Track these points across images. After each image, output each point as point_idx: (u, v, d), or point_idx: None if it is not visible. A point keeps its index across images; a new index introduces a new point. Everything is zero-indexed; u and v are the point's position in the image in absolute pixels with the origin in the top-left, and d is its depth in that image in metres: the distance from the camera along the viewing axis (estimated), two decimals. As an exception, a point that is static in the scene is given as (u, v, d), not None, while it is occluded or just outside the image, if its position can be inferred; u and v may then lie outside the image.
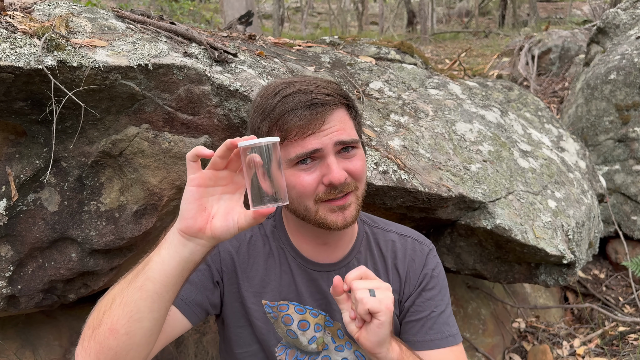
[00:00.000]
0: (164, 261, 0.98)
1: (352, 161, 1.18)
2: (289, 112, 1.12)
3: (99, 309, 1.02)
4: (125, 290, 0.99)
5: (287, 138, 1.13)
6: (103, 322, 0.99)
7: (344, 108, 1.20)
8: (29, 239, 1.69)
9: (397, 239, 1.40)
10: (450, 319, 1.34)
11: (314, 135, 1.12)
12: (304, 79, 1.19)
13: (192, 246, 0.98)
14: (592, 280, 3.81)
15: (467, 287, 3.29)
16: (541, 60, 6.84)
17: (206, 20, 11.34)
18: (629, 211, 3.82)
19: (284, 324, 1.33)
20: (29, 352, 2.13)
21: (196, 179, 0.96)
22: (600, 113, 3.93)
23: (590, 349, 2.98)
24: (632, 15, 4.50)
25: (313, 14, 21.62)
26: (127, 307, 0.97)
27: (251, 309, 1.33)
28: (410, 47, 2.87)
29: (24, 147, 1.65)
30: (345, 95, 1.21)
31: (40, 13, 1.69)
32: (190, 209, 0.96)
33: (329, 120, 1.14)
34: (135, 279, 0.99)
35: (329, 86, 1.18)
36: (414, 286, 1.36)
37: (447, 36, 13.84)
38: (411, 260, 1.37)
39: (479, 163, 2.29)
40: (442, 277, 1.39)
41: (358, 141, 1.19)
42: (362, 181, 1.21)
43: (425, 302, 1.34)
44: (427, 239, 1.45)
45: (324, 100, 1.13)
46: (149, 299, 0.97)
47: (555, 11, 15.55)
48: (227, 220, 0.97)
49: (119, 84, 1.58)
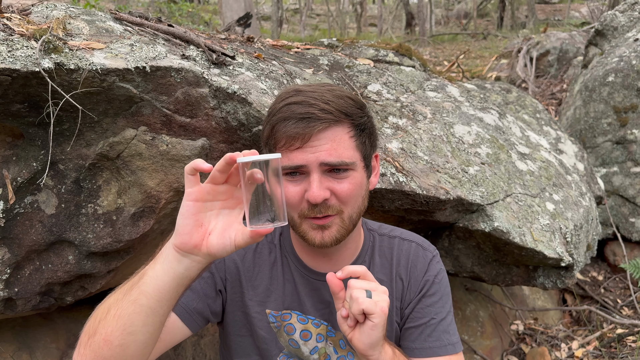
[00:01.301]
0: (158, 276, 0.97)
1: (340, 183, 1.14)
2: (282, 121, 1.12)
3: (95, 317, 1.02)
4: (120, 301, 0.98)
5: (277, 146, 1.14)
6: (98, 331, 0.98)
7: (346, 126, 1.15)
8: (26, 241, 1.69)
9: (401, 245, 1.38)
10: (450, 327, 1.32)
11: (300, 150, 1.11)
12: (315, 89, 1.16)
13: (187, 262, 0.96)
14: (590, 282, 3.81)
15: (466, 290, 3.29)
16: (539, 62, 6.85)
17: (205, 22, 11.35)
18: (627, 213, 3.82)
19: (286, 334, 1.32)
20: (26, 355, 2.12)
21: (194, 193, 0.94)
22: (599, 115, 3.94)
23: (588, 351, 2.98)
24: (630, 17, 4.50)
25: (312, 16, 21.63)
26: (120, 320, 0.97)
27: (255, 318, 1.32)
28: (409, 50, 2.87)
29: (21, 149, 1.64)
30: (352, 113, 1.15)
31: (38, 15, 1.69)
32: (187, 224, 0.94)
33: (319, 137, 1.11)
34: (130, 291, 0.98)
35: (335, 101, 1.13)
36: (414, 292, 1.34)
37: (446, 38, 13.86)
38: (413, 266, 1.35)
39: (477, 166, 2.29)
40: (445, 284, 1.37)
41: (350, 163, 1.14)
42: (348, 204, 1.16)
43: (425, 308, 1.32)
44: (431, 245, 1.42)
45: (318, 116, 1.10)
46: (142, 313, 0.97)
47: (554, 13, 15.58)
48: (224, 238, 0.95)
49: (117, 86, 1.58)
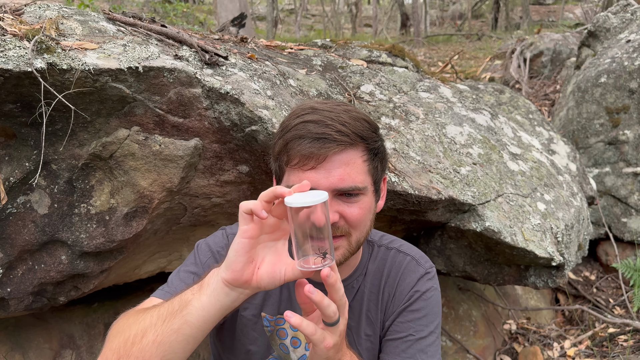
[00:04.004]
0: (204, 307, 0.98)
1: (350, 207, 1.14)
2: (297, 139, 1.10)
3: (126, 338, 1.01)
4: (160, 328, 0.99)
5: (290, 163, 1.13)
6: (133, 354, 0.98)
7: (360, 149, 1.14)
8: (19, 241, 1.69)
9: (395, 256, 1.37)
10: (430, 349, 1.26)
11: (314, 171, 1.10)
12: (332, 109, 1.14)
13: (235, 295, 0.97)
14: (582, 282, 3.84)
15: (459, 289, 3.30)
16: (533, 63, 6.89)
17: (200, 22, 11.33)
18: (619, 213, 3.85)
19: (278, 338, 1.33)
20: (19, 355, 2.12)
21: (249, 231, 0.93)
22: (591, 116, 3.97)
23: (580, 350, 3.00)
24: (622, 19, 4.54)
25: (307, 16, 21.64)
26: (161, 347, 0.98)
27: (251, 320, 1.33)
28: (402, 50, 2.89)
29: (14, 149, 1.64)
30: (367, 137, 1.15)
31: (31, 15, 1.69)
32: (240, 261, 0.94)
33: (333, 159, 1.10)
34: (171, 319, 0.99)
35: (351, 123, 1.12)
36: (398, 305, 1.31)
37: (440, 39, 13.90)
38: (402, 278, 1.33)
39: (469, 166, 2.31)
40: (433, 304, 1.32)
41: (362, 188, 1.14)
42: (357, 229, 1.16)
43: (405, 323, 1.29)
44: (429, 262, 1.38)
45: (334, 138, 1.09)
46: (184, 342, 0.98)
47: (548, 14, 15.65)
48: (274, 273, 0.96)
49: (109, 86, 1.58)
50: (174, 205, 1.95)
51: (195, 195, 1.96)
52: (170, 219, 2.03)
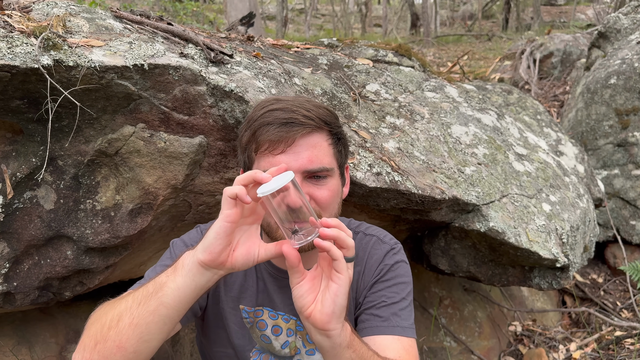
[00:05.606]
0: (179, 288, 1.00)
1: (320, 189, 1.19)
2: (265, 126, 1.16)
3: (102, 323, 1.04)
4: (135, 310, 1.02)
5: (259, 150, 1.18)
6: (109, 338, 1.02)
7: (324, 133, 1.22)
8: (25, 236, 1.71)
9: (361, 239, 1.41)
10: (402, 312, 1.29)
11: (283, 154, 1.16)
12: (295, 99, 1.22)
13: (210, 275, 1.01)
14: (590, 284, 3.81)
15: (464, 290, 3.29)
16: (543, 64, 6.84)
17: (209, 21, 11.38)
18: (628, 216, 3.82)
19: (258, 329, 1.37)
20: (25, 350, 2.15)
21: (232, 215, 0.96)
22: (600, 117, 3.94)
23: (586, 353, 2.98)
24: (633, 20, 4.50)
25: (317, 16, 21.65)
26: (138, 329, 1.01)
27: (230, 313, 1.37)
28: (408, 50, 2.88)
29: (21, 145, 1.67)
30: (330, 122, 1.22)
31: (39, 12, 1.71)
32: (220, 244, 0.97)
33: (300, 142, 1.16)
34: (147, 301, 1.01)
35: (314, 110, 1.20)
36: (367, 281, 1.35)
37: (450, 39, 13.85)
38: (369, 257, 1.37)
39: (474, 166, 2.30)
40: (402, 273, 1.35)
41: (330, 170, 1.20)
42: (327, 210, 1.21)
43: (377, 292, 1.32)
44: (394, 239, 1.42)
45: (300, 122, 1.16)
46: (160, 322, 1.01)
47: (559, 15, 15.53)
48: (249, 255, 1.01)
49: (115, 83, 1.60)
50: (179, 202, 1.97)
51: (199, 193, 1.97)
52: (175, 215, 2.04)
